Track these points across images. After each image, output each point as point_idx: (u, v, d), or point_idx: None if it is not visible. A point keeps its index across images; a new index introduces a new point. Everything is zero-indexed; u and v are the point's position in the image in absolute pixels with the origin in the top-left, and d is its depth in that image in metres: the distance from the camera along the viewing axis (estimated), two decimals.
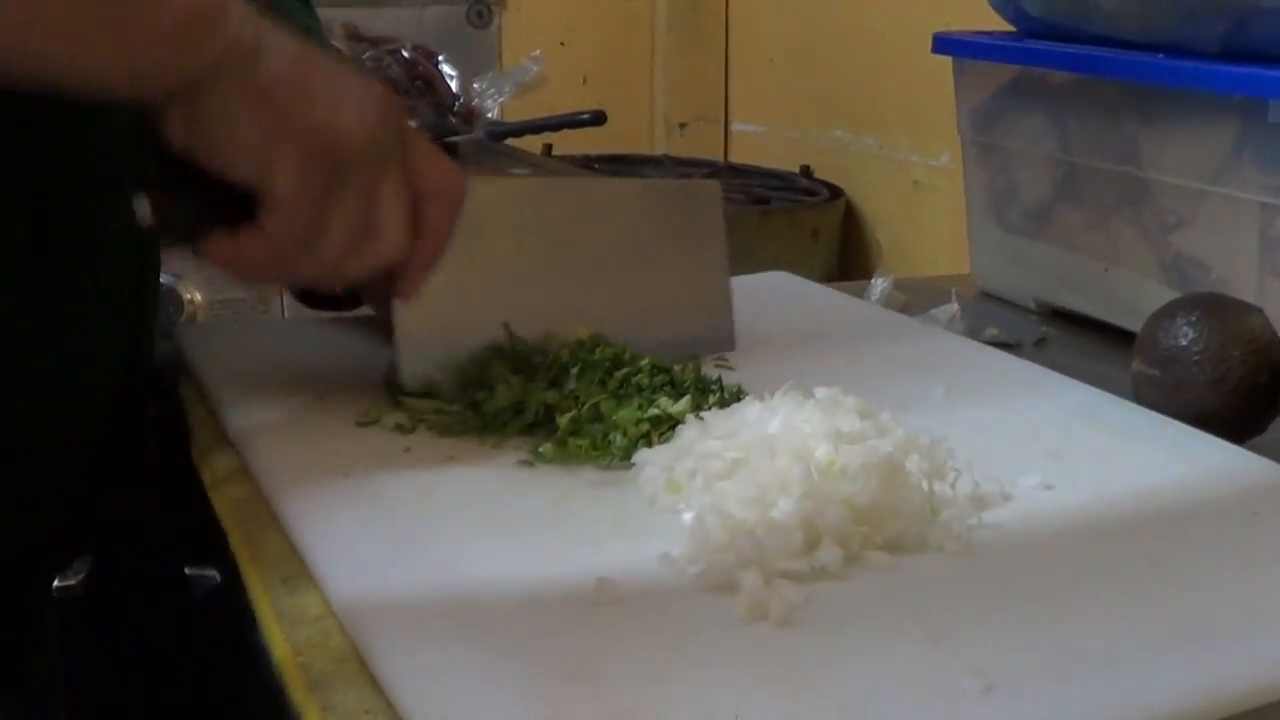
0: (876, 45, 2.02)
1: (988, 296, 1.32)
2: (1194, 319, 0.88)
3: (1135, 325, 1.11)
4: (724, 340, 1.05)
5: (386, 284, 0.84)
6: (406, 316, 0.89)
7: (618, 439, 0.83)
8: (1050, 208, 1.22)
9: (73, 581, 1.04)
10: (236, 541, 0.74)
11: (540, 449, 0.82)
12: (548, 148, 2.22)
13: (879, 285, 1.26)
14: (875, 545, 0.70)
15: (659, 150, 2.44)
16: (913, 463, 0.76)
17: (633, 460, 0.81)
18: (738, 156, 2.42)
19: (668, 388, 0.87)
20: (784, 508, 0.70)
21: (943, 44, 1.30)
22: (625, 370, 0.88)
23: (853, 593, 0.67)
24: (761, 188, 2.11)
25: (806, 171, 2.16)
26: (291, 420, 0.87)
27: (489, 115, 2.05)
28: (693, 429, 0.80)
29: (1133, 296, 1.13)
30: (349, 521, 0.73)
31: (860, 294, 1.28)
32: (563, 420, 0.84)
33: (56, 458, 0.85)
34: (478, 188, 0.87)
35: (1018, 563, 0.71)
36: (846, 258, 2.09)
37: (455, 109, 1.97)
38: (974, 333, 1.16)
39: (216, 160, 0.74)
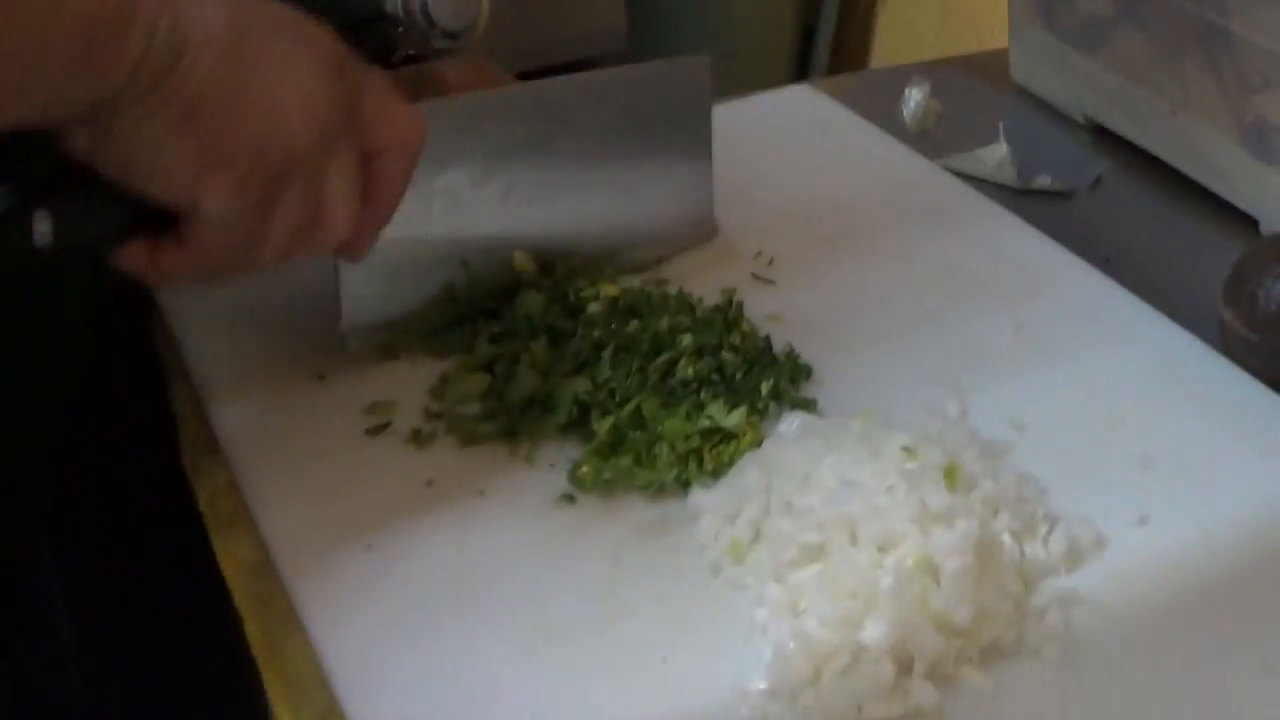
0: None
1: (1031, 101, 1.19)
2: None
3: (1204, 178, 1.02)
4: (706, 230, 0.94)
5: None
6: (351, 272, 0.78)
7: (664, 451, 0.74)
8: (1110, 25, 1.08)
9: None
10: (259, 650, 0.67)
11: (579, 474, 0.74)
12: None
13: (913, 99, 1.14)
14: (968, 659, 0.64)
15: None
16: (1002, 523, 0.69)
17: (685, 489, 0.73)
18: None
19: (716, 380, 0.78)
20: (873, 633, 0.62)
21: None
22: (667, 356, 0.78)
23: None
24: None
25: None
26: (291, 426, 0.77)
27: None
28: (752, 470, 0.72)
29: (1203, 147, 1.01)
30: (381, 643, 0.65)
31: (895, 93, 1.15)
32: (601, 427, 0.75)
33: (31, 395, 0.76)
34: (428, 114, 0.72)
35: (1122, 666, 0.65)
36: None
37: None
38: (1025, 177, 1.06)
39: (130, 180, 0.61)
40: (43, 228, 0.61)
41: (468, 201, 0.82)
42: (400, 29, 0.89)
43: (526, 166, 0.84)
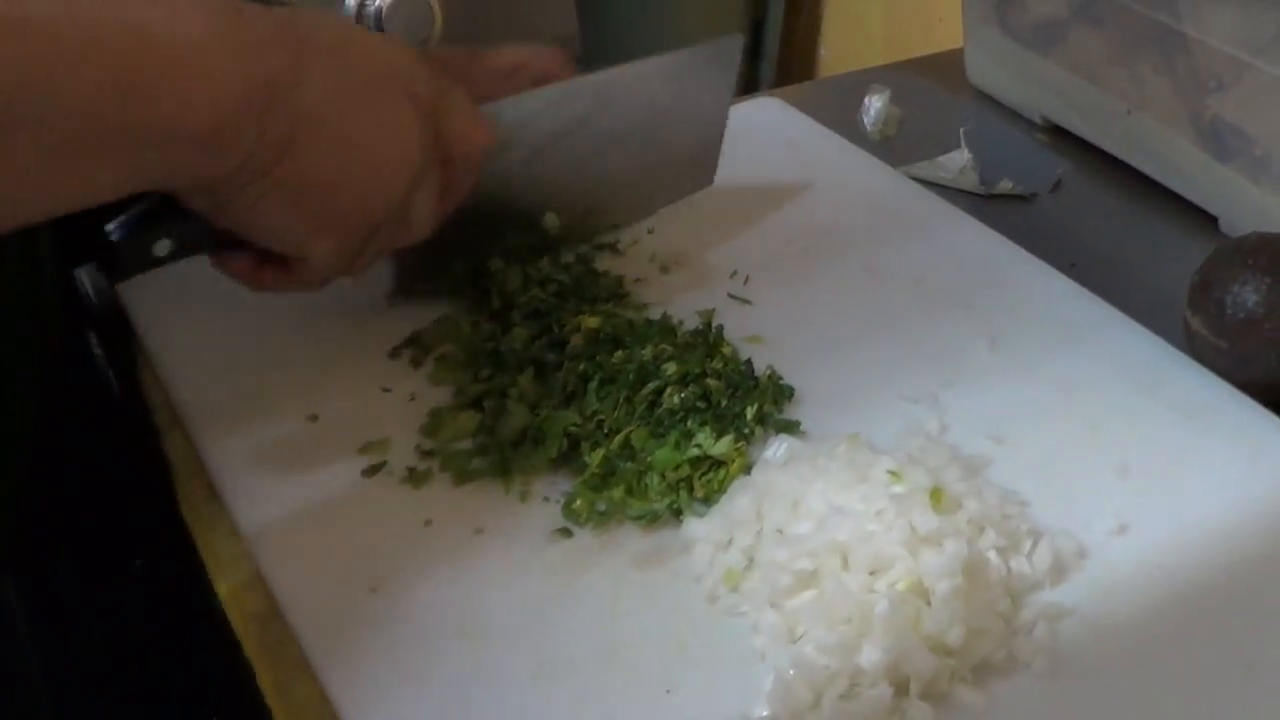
0: None
1: (988, 102, 1.21)
2: (1267, 284, 0.80)
3: (1162, 177, 1.04)
4: (706, 179, 1.03)
5: None
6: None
7: (654, 481, 0.76)
8: (1064, 26, 1.10)
9: None
10: (271, 700, 0.68)
11: (573, 507, 0.75)
12: None
13: (873, 107, 1.16)
14: (961, 677, 0.66)
15: None
16: (987, 541, 0.71)
17: (678, 518, 0.74)
18: None
19: (702, 407, 0.80)
20: (870, 657, 0.65)
21: None
22: (652, 385, 0.80)
23: None
24: None
25: None
26: (287, 470, 0.78)
27: None
28: (743, 497, 0.74)
29: (1160, 147, 1.04)
30: (391, 685, 0.67)
31: (854, 100, 1.17)
32: (593, 459, 0.77)
33: None
34: (496, 112, 0.82)
35: (1109, 676, 0.67)
36: None
37: None
38: (987, 182, 1.08)
39: (245, 236, 0.68)
40: (161, 248, 0.69)
41: (511, 178, 0.88)
42: None
43: (567, 144, 0.90)
